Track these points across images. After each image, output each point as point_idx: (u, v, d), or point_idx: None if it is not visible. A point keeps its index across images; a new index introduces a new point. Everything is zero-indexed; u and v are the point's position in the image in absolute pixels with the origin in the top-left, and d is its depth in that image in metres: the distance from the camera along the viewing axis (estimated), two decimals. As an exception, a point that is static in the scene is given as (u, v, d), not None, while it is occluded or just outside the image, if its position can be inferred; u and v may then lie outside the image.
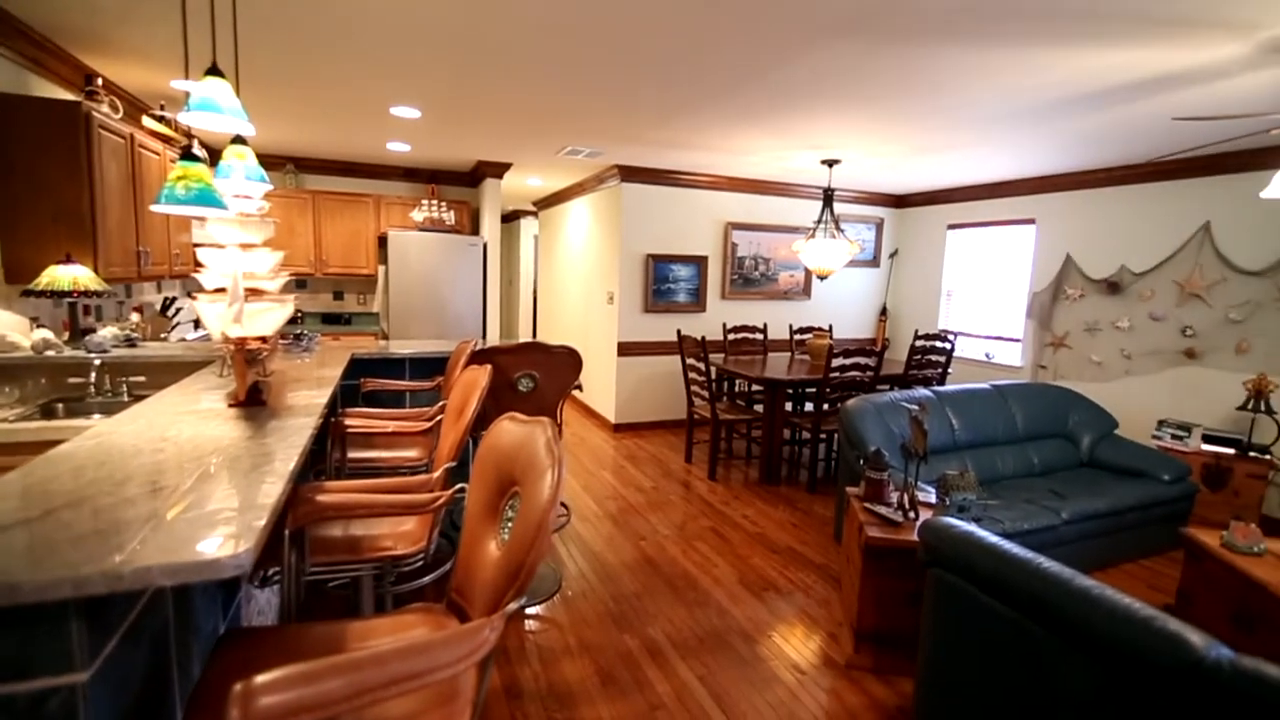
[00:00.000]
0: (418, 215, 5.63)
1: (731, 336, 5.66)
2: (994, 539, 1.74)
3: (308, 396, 2.10)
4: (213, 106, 1.71)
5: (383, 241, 5.65)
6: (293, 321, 5.56)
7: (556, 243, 7.80)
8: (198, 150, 1.91)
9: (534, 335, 9.79)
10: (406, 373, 3.51)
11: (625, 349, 5.82)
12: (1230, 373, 4.20)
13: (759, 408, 5.07)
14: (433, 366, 3.47)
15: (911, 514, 2.52)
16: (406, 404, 3.46)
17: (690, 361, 4.81)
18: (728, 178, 5.92)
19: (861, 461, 2.88)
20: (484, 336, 5.89)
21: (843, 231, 4.97)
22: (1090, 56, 2.55)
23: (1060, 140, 4.01)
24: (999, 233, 5.88)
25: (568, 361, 2.70)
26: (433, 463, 1.98)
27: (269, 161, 5.50)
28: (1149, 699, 1.32)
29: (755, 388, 5.30)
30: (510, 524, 1.16)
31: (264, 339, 1.83)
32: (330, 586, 2.55)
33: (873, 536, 2.38)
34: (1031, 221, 5.53)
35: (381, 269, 5.75)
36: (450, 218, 5.74)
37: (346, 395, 3.28)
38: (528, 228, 9.76)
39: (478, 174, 5.90)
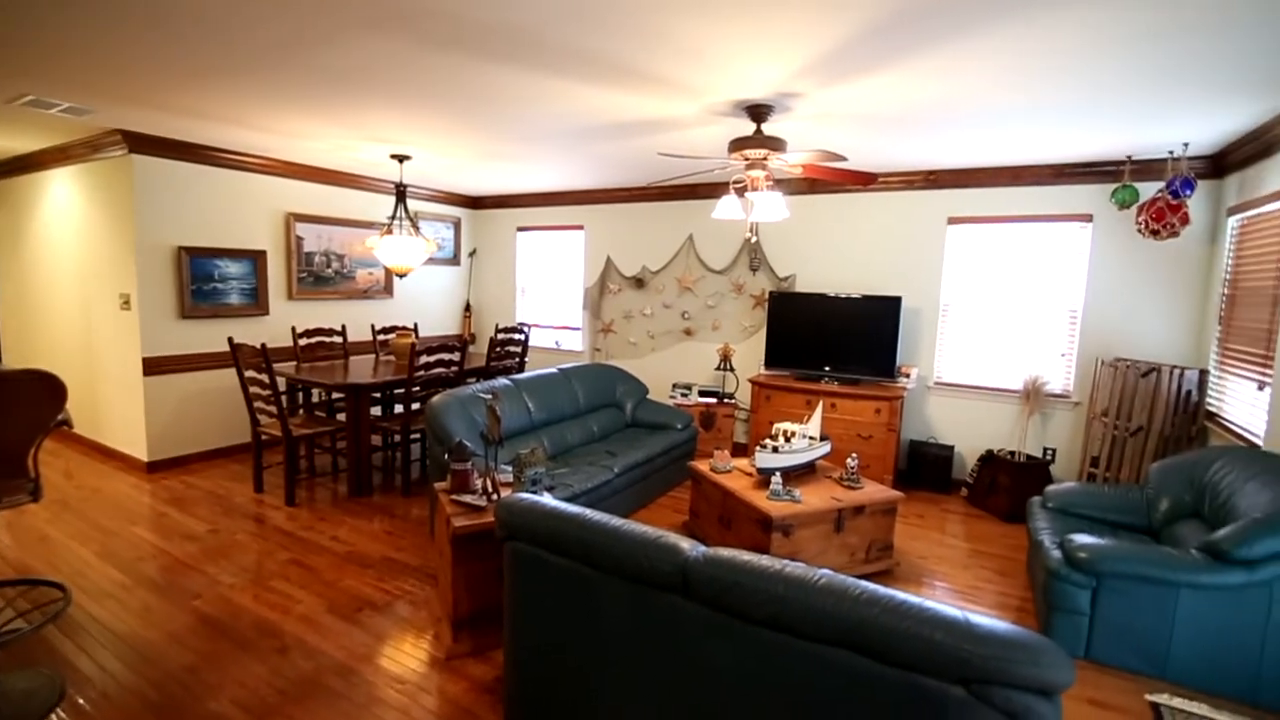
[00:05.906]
0: None
1: (304, 341, 5.06)
2: (552, 503, 2.00)
3: None
4: None
5: None
6: None
7: (26, 228, 5.63)
8: None
9: (-4, 358, 6.89)
10: None
11: (156, 365, 4.61)
12: (710, 344, 5.81)
13: (342, 416, 4.68)
14: None
15: (494, 496, 2.71)
16: None
17: (250, 374, 4.11)
18: (286, 162, 5.22)
19: (447, 455, 2.95)
20: (-120, 366, 3.87)
21: (419, 230, 4.95)
22: (596, 96, 3.12)
23: (594, 161, 4.81)
24: (559, 236, 6.75)
25: (35, 391, 1.98)
26: None
27: None
28: (662, 600, 1.73)
29: (336, 395, 4.87)
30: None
31: None
32: None
33: (459, 525, 2.47)
34: (581, 228, 6.52)
35: None
36: None
37: None
38: (-34, 204, 6.76)
39: None
